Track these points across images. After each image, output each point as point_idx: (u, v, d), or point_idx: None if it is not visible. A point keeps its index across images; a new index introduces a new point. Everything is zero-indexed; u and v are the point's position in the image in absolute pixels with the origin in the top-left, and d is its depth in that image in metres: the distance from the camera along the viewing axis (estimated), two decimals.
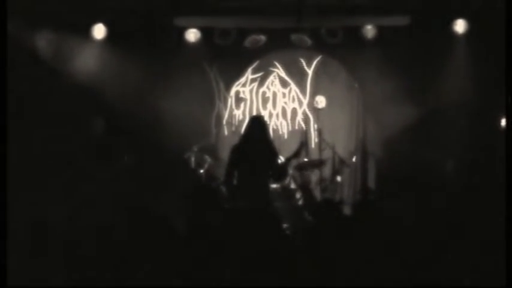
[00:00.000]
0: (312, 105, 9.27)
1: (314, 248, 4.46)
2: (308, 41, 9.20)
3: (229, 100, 9.48)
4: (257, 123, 6.53)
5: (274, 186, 7.65)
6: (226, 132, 9.43)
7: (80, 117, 8.20)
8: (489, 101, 8.36)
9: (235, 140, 6.95)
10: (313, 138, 9.19)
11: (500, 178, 4.92)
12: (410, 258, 4.36)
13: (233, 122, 9.42)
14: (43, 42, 8.33)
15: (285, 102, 9.47)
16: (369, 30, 9.00)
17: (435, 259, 4.43)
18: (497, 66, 6.57)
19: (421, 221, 4.95)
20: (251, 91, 9.48)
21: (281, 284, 4.20)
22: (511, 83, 5.17)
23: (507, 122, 5.51)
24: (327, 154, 8.70)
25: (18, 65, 6.85)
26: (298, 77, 9.44)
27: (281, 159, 6.78)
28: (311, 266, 4.31)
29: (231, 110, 9.49)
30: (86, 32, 8.74)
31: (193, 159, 8.69)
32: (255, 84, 9.47)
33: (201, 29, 9.11)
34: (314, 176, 8.68)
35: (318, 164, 8.52)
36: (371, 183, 9.10)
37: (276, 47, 9.36)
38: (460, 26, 8.73)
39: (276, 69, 9.45)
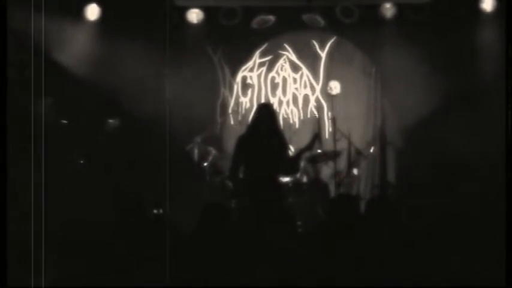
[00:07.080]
0: (325, 92, 9.25)
1: (328, 247, 4.48)
2: (321, 21, 9.23)
3: (235, 86, 9.50)
4: (265, 111, 6.41)
5: (284, 180, 7.71)
6: (232, 122, 9.45)
7: (72, 105, 8.23)
8: None
9: (242, 130, 6.95)
10: (327, 128, 9.15)
11: None
12: (430, 259, 4.37)
13: (239, 110, 9.43)
14: (32, 24, 8.33)
15: (296, 89, 9.48)
16: (388, 8, 9.03)
17: (458, 260, 4.42)
18: None
19: (445, 219, 4.93)
20: (259, 76, 9.50)
21: (292, 283, 4.24)
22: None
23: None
24: (342, 145, 8.57)
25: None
26: (311, 60, 9.45)
27: (292, 150, 6.75)
28: (324, 267, 4.35)
29: (237, 97, 9.50)
30: (78, 13, 8.74)
31: (196, 151, 8.69)
32: (264, 69, 9.48)
33: (204, 9, 9.14)
34: (328, 169, 8.71)
35: (332, 155, 8.40)
36: (390, 176, 9.18)
37: (286, 28, 9.36)
38: (487, 3, 8.74)
39: (286, 52, 9.45)
